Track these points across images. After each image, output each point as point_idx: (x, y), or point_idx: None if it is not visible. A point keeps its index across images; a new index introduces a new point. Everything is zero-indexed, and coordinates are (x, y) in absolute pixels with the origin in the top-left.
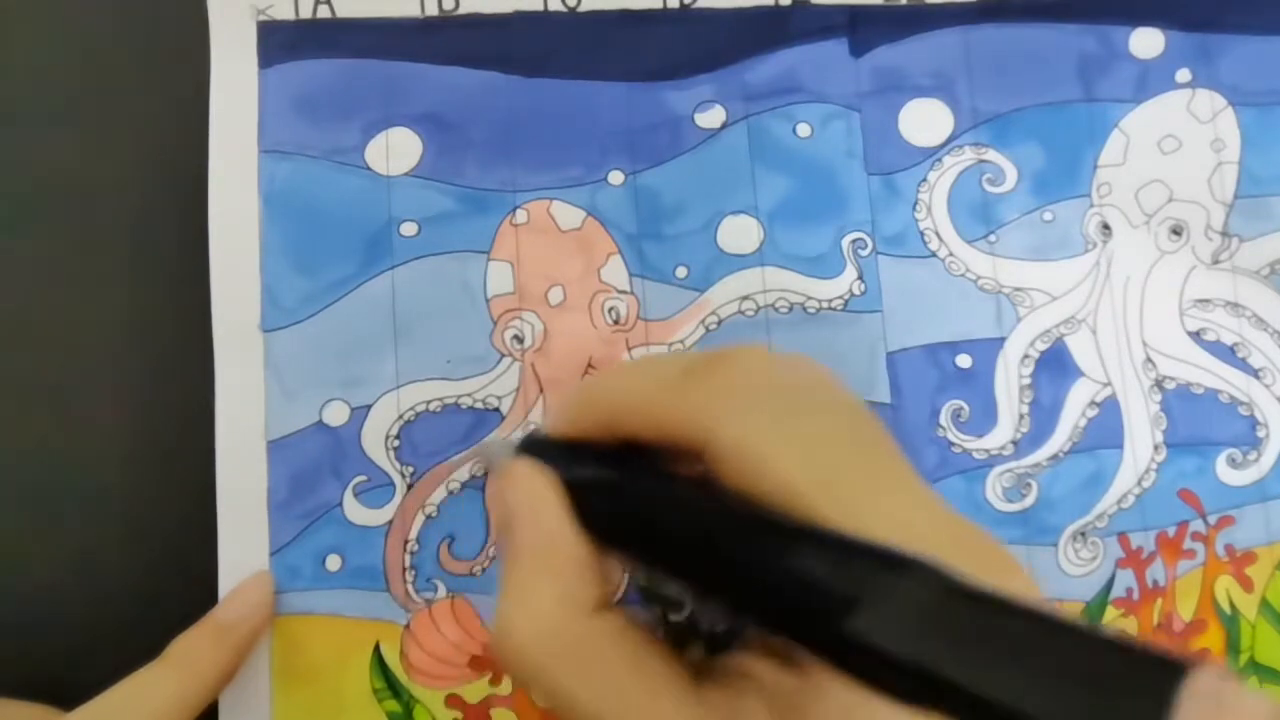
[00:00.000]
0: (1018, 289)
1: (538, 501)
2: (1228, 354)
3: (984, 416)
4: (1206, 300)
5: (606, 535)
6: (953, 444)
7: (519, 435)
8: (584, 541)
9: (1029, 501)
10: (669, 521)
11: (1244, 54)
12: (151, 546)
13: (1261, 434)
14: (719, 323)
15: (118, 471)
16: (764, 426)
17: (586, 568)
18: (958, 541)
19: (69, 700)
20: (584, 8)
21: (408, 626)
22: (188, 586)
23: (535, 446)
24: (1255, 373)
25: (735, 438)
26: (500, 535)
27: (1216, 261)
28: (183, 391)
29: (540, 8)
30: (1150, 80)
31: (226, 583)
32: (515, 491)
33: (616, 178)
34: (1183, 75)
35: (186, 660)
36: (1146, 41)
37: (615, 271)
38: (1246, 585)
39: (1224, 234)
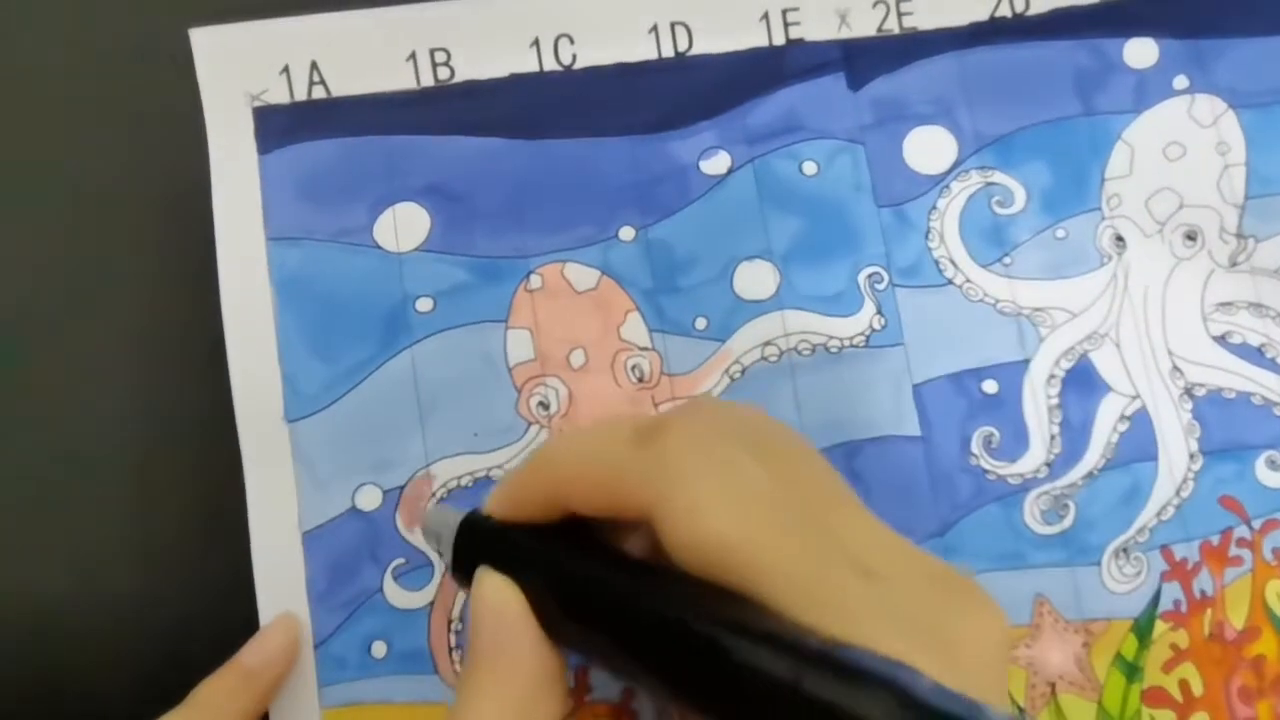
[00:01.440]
0: (1037, 309)
1: (500, 611)
2: (1256, 355)
3: (1015, 441)
4: (1229, 303)
5: (551, 628)
6: (987, 472)
7: (453, 510)
8: (547, 656)
9: (1068, 523)
10: (612, 618)
11: (1239, 56)
12: (217, 627)
13: None
14: (743, 371)
15: (157, 575)
16: (710, 492)
17: (546, 683)
18: (926, 579)
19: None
20: (579, 65)
21: None
22: None
23: (475, 527)
24: None
25: (681, 505)
26: (469, 637)
27: (1234, 264)
28: (213, 487)
29: (536, 69)
30: (1148, 89)
31: None
32: (478, 599)
33: (627, 233)
34: (1180, 82)
35: (211, 706)
36: (1140, 51)
37: (635, 329)
38: None
39: (1239, 235)
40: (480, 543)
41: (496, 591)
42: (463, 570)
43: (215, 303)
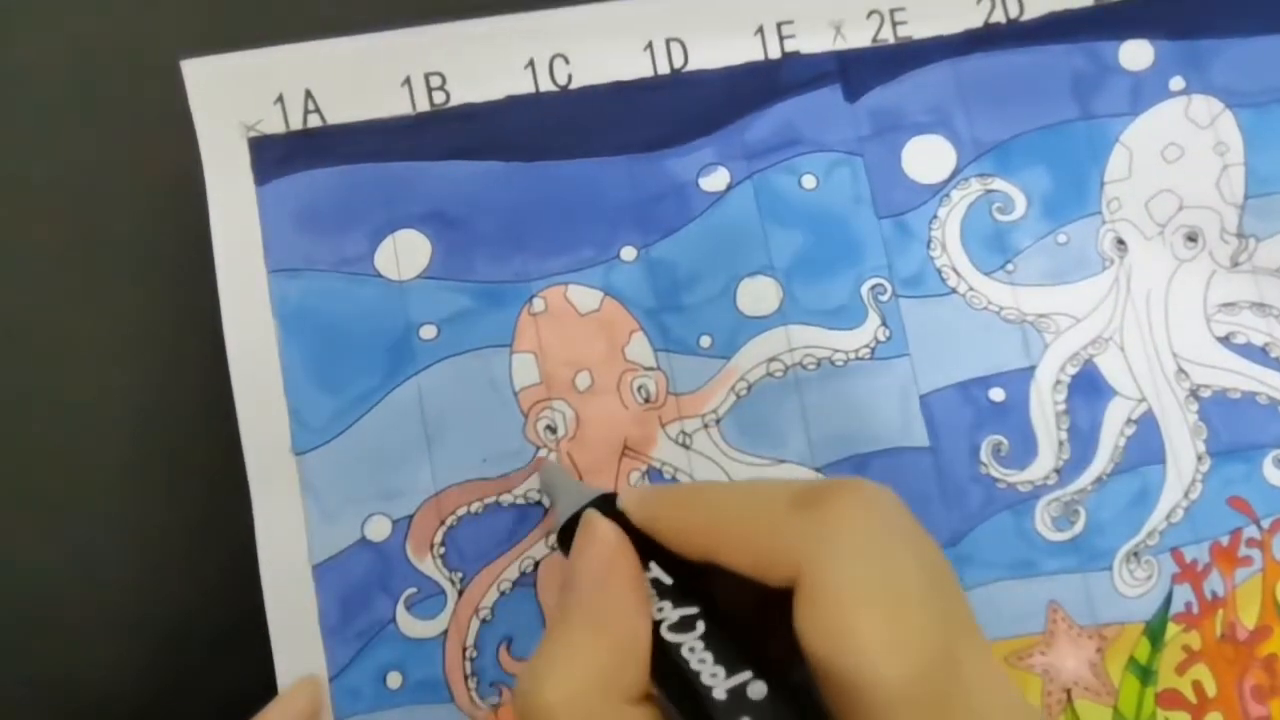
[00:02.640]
0: (1041, 315)
1: (613, 569)
2: (1260, 355)
3: (1024, 448)
4: (1231, 303)
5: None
6: (997, 480)
7: (587, 488)
8: (647, 626)
9: (1078, 529)
10: (728, 654)
11: (1234, 56)
12: (215, 626)
13: None
14: (749, 388)
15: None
16: (862, 580)
17: (638, 652)
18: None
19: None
20: (575, 85)
21: None
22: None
23: (605, 512)
24: None
25: (829, 583)
26: (564, 583)
27: (1236, 264)
28: (222, 521)
29: (532, 90)
30: (1144, 91)
31: None
32: (592, 549)
33: (629, 253)
34: (1176, 83)
35: None
36: (1136, 54)
37: (640, 349)
38: None
39: (1239, 235)
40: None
41: (614, 538)
42: (569, 535)
43: (219, 337)
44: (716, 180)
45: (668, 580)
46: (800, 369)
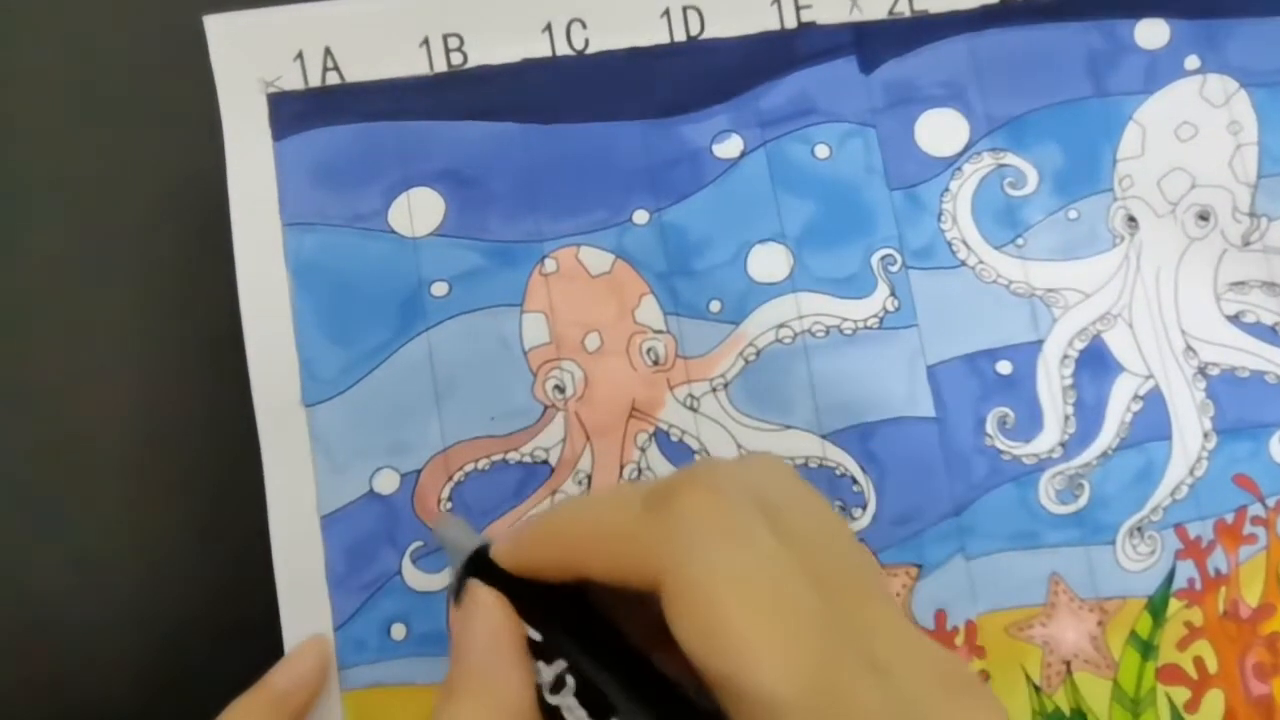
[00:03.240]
0: (1050, 290)
1: (493, 637)
2: (1270, 334)
3: (1030, 421)
4: (1241, 283)
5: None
6: (1002, 452)
7: (467, 539)
8: (528, 691)
9: (1082, 502)
10: (598, 707)
11: (1250, 36)
12: (217, 625)
13: None
14: (757, 354)
15: (175, 551)
16: (718, 570)
17: (521, 716)
18: (937, 678)
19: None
20: (592, 49)
21: None
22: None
23: (482, 566)
24: None
25: (686, 583)
26: (452, 653)
27: (1247, 243)
28: (232, 470)
29: (549, 54)
30: (1160, 70)
31: None
32: (471, 619)
33: (641, 217)
34: (1191, 62)
35: None
36: (1151, 32)
37: (649, 312)
38: None
39: (1252, 215)
40: (485, 579)
41: (494, 609)
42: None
43: (232, 288)
44: (730, 147)
45: (537, 637)
46: (809, 336)
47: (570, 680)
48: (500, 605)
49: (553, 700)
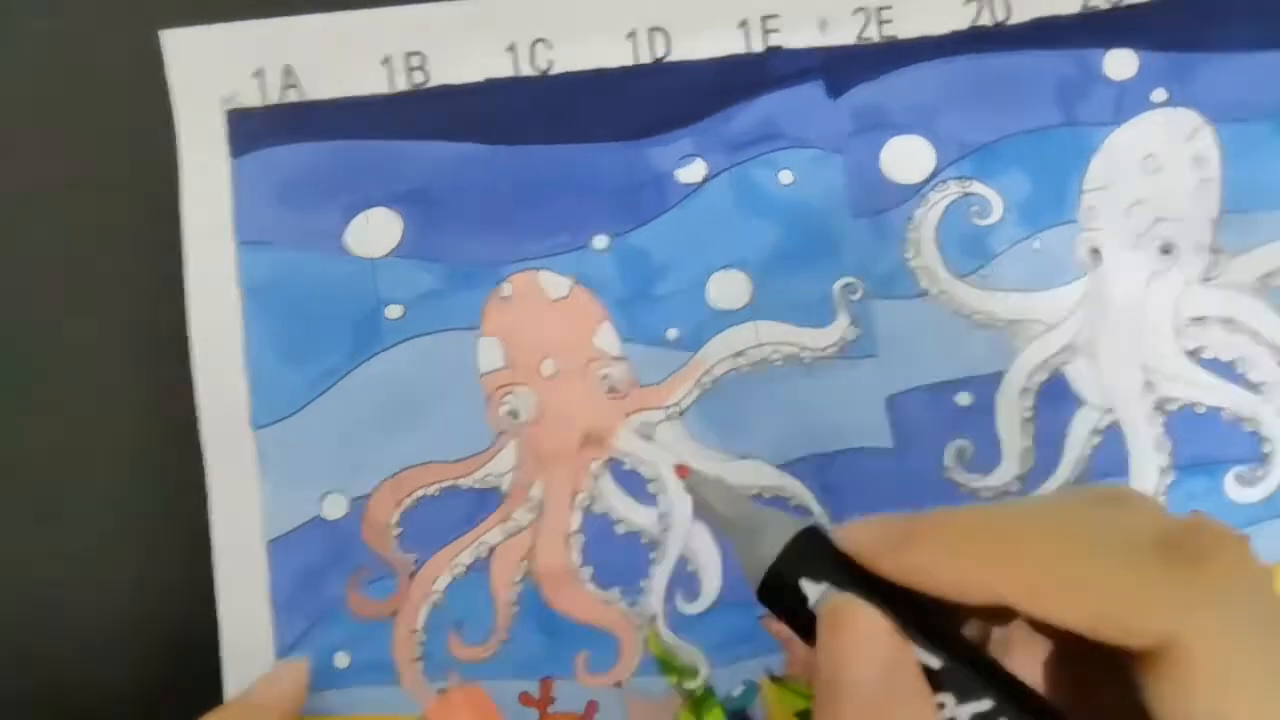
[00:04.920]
0: (1013, 321)
1: (894, 670)
2: (1227, 371)
3: (989, 454)
4: (1202, 318)
5: None
6: (959, 485)
7: (778, 513)
8: (932, 709)
9: None
10: None
11: (1217, 71)
12: (153, 646)
13: (1268, 449)
14: (714, 381)
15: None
16: (1248, 659)
17: None
18: None
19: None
20: (556, 70)
21: (422, 718)
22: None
23: (810, 548)
24: (1256, 388)
25: (1209, 659)
26: (825, 684)
27: (1208, 278)
28: (177, 493)
29: (512, 73)
30: (1127, 101)
31: (232, 688)
32: (863, 646)
33: (601, 241)
34: (1159, 95)
35: None
36: (1121, 63)
37: (607, 338)
38: None
39: (1213, 250)
40: (815, 570)
41: (886, 635)
42: (779, 594)
43: (183, 307)
44: (694, 172)
45: (936, 664)
46: (767, 364)
47: None
48: (890, 631)
49: None
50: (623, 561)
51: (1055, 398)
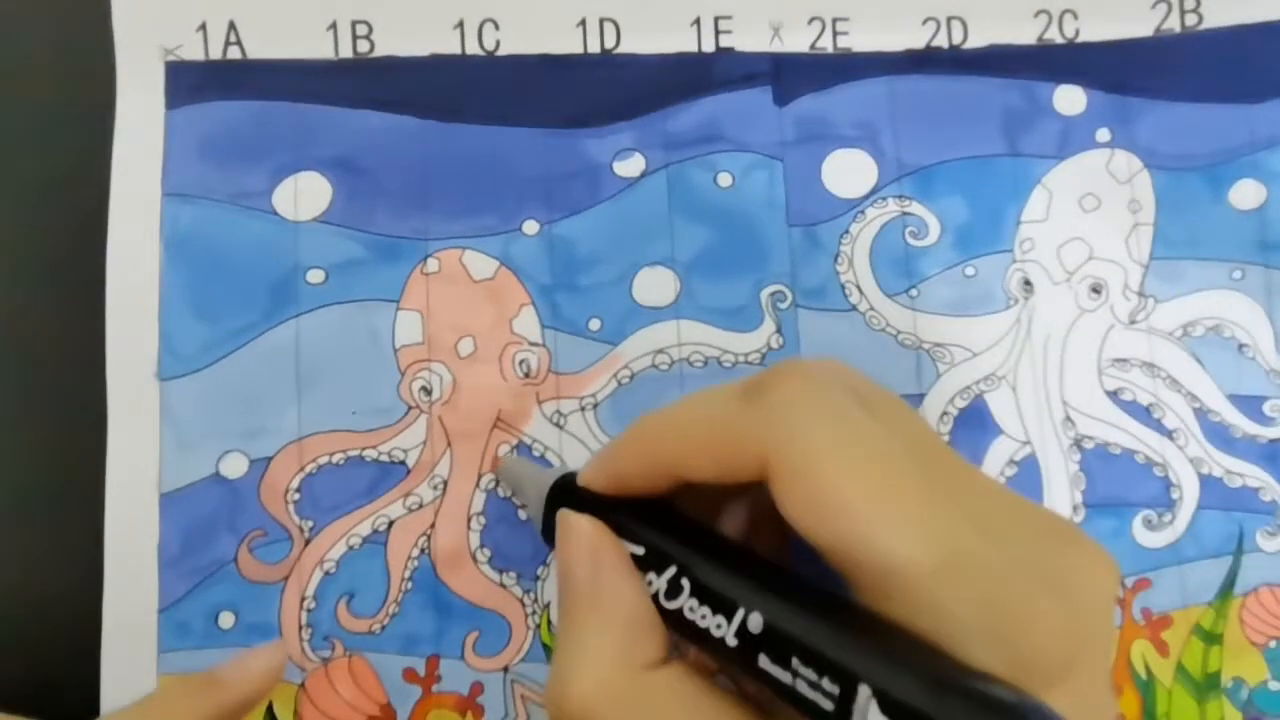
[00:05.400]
0: (938, 344)
1: (599, 557)
2: (1144, 414)
3: None
4: (1124, 360)
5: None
6: None
7: (551, 470)
8: (644, 596)
9: None
10: (719, 601)
11: (1158, 118)
12: (38, 599)
13: (1175, 495)
14: (631, 377)
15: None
16: (827, 446)
17: (645, 623)
18: (1044, 533)
19: None
20: (502, 51)
21: (303, 686)
22: (72, 640)
23: (567, 491)
24: (1169, 434)
25: (797, 461)
26: (560, 582)
27: (1133, 321)
28: (74, 438)
29: (458, 51)
30: (1072, 137)
31: (111, 639)
32: (575, 544)
33: (531, 227)
34: (1103, 135)
35: (165, 705)
36: (1070, 98)
37: (527, 323)
38: (1162, 650)
39: (1141, 294)
40: (573, 506)
41: (590, 530)
42: (551, 532)
43: (102, 253)
44: (631, 166)
45: (639, 551)
46: (686, 364)
47: (685, 583)
48: (597, 526)
49: (671, 605)
50: (522, 547)
51: (974, 425)
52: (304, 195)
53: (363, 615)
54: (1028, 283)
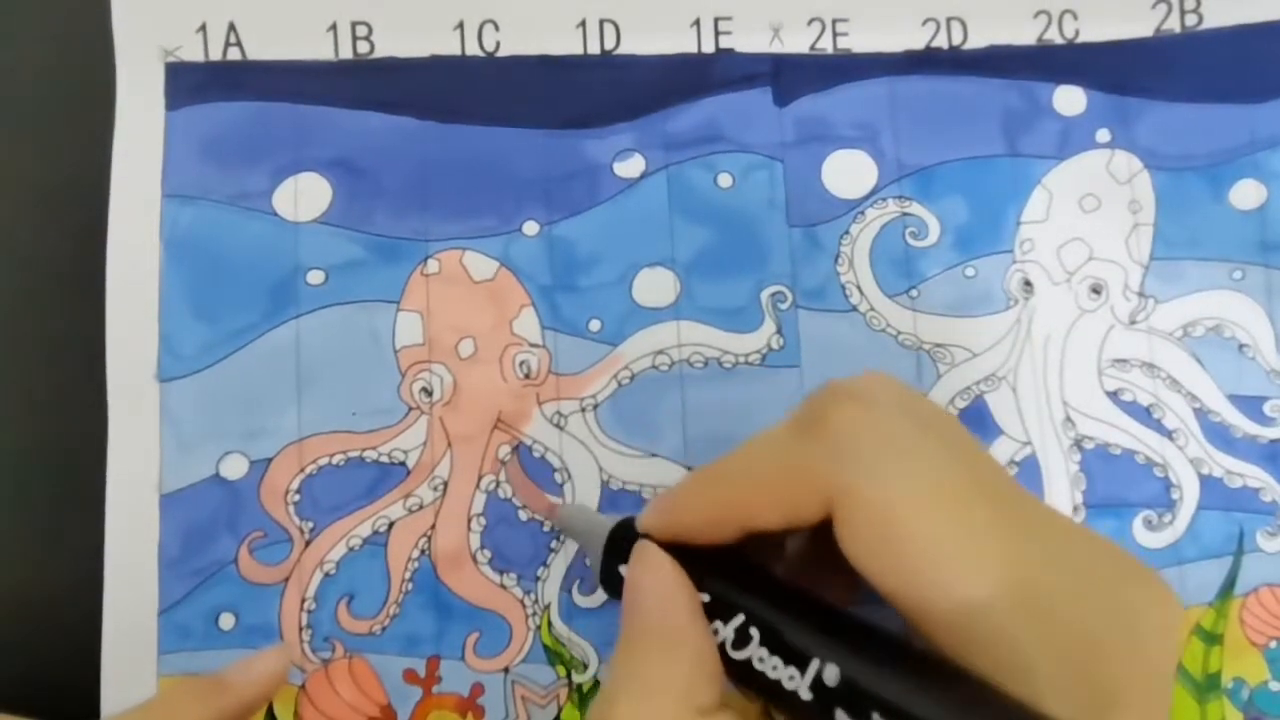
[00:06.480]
0: (938, 345)
1: (670, 591)
2: (1144, 415)
3: None
4: (1124, 360)
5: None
6: None
7: (609, 517)
8: (709, 641)
9: None
10: (791, 652)
11: (1158, 119)
12: (38, 600)
13: (1175, 496)
14: (632, 377)
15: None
16: (896, 483)
17: (709, 667)
18: (1114, 571)
19: None
20: (502, 53)
21: (303, 687)
22: (72, 642)
23: (627, 539)
24: (1169, 434)
25: (861, 500)
26: (628, 611)
27: (1134, 322)
28: (74, 438)
29: (458, 52)
30: (1072, 138)
31: (111, 640)
32: (648, 576)
33: (531, 228)
34: (1103, 135)
35: (170, 706)
36: (1069, 99)
37: (527, 324)
38: None
39: (1141, 294)
40: (626, 554)
41: (670, 567)
42: (611, 579)
43: (102, 253)
44: (631, 167)
45: (705, 598)
46: (687, 365)
47: (754, 632)
48: (673, 564)
49: (739, 655)
50: (522, 548)
51: (975, 425)
52: (304, 196)
53: (363, 616)
54: (1028, 283)
